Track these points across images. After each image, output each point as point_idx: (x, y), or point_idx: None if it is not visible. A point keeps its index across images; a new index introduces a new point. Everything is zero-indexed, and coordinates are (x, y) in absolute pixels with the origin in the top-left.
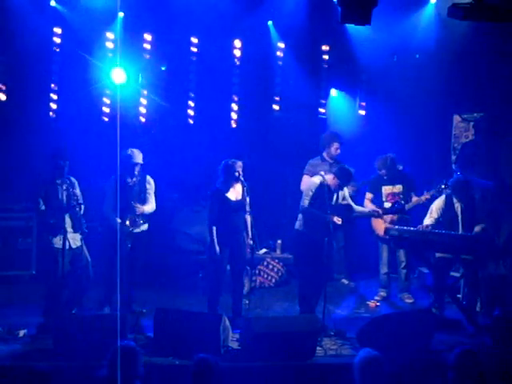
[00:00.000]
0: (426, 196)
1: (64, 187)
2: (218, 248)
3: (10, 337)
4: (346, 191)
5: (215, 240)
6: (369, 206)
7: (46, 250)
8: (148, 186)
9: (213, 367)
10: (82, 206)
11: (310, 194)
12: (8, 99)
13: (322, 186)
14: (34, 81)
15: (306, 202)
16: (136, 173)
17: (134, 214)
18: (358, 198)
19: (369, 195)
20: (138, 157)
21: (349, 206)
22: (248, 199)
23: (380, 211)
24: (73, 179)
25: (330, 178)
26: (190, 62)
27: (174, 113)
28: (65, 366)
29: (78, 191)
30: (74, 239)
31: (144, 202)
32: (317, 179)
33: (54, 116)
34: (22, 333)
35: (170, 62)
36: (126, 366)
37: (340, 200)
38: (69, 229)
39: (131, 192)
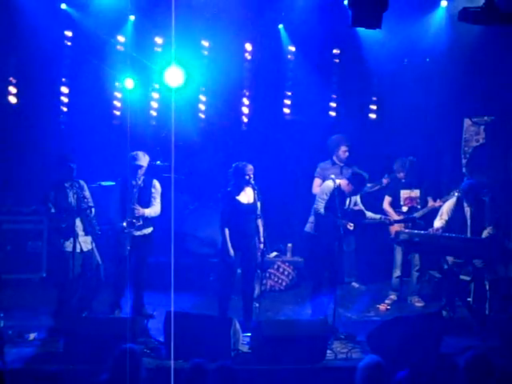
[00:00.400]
0: (438, 203)
1: (73, 190)
2: (231, 250)
3: (20, 340)
4: (358, 196)
5: (228, 242)
6: (388, 209)
7: (57, 254)
8: (153, 190)
9: (206, 372)
10: (93, 209)
11: (325, 197)
12: (19, 102)
13: (336, 190)
14: (44, 84)
15: (320, 206)
16: (139, 175)
17: (132, 216)
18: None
19: (388, 198)
20: (142, 159)
21: (361, 211)
22: (259, 203)
23: (391, 219)
24: (81, 182)
25: (344, 184)
26: (201, 65)
27: (184, 116)
28: (74, 369)
29: (87, 193)
30: (86, 242)
31: (147, 205)
32: (331, 183)
33: (64, 119)
34: (32, 336)
35: (181, 65)
36: (128, 369)
37: (352, 205)
38: (80, 232)
39: (134, 195)
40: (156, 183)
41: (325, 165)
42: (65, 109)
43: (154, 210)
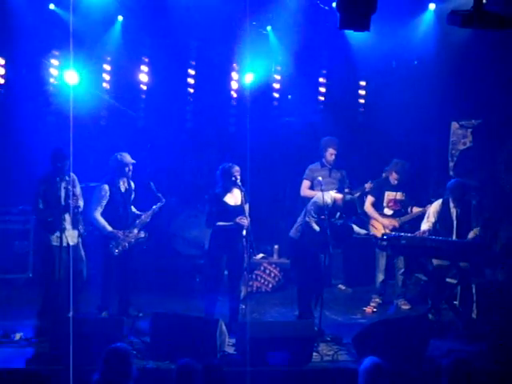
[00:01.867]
0: (418, 209)
1: (63, 185)
2: (233, 221)
3: (5, 340)
4: None
5: (228, 223)
6: (369, 209)
7: (43, 248)
8: (133, 194)
9: (195, 372)
10: (81, 203)
11: (316, 212)
12: (6, 101)
13: (333, 207)
14: (32, 83)
15: (312, 221)
16: (128, 175)
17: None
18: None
19: (371, 198)
20: (128, 157)
21: (349, 226)
22: (247, 204)
23: (377, 236)
24: (74, 177)
25: (338, 198)
26: (189, 66)
27: (172, 117)
28: (61, 369)
29: (77, 189)
30: (72, 236)
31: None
32: (329, 200)
33: (52, 119)
34: (18, 336)
35: (169, 66)
36: (118, 368)
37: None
38: (67, 226)
39: (126, 198)
40: (133, 185)
41: (314, 167)
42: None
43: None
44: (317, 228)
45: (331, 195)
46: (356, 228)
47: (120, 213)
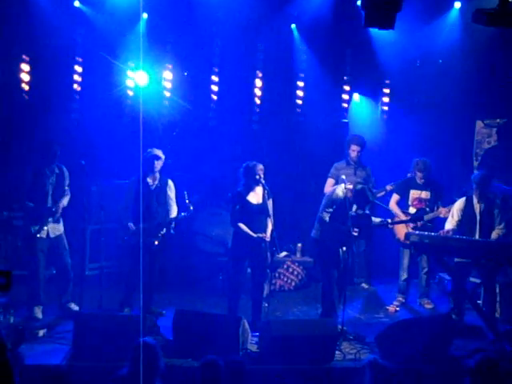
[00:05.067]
0: (446, 211)
1: (53, 177)
2: (256, 234)
3: (30, 336)
4: None
5: (249, 231)
6: (394, 207)
7: (27, 240)
8: (169, 191)
9: (219, 369)
10: (67, 198)
11: (331, 210)
12: (31, 99)
13: (345, 199)
14: (57, 81)
15: (325, 216)
16: (157, 169)
17: (159, 232)
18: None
19: (396, 196)
20: (157, 151)
21: (367, 215)
22: (271, 203)
23: (389, 221)
24: (64, 169)
25: (349, 188)
26: (213, 64)
27: (195, 115)
28: (84, 365)
29: (67, 182)
30: (54, 229)
31: (164, 206)
32: (341, 192)
33: (76, 116)
34: (41, 332)
35: (192, 64)
36: (147, 362)
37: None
38: (50, 219)
39: (153, 196)
40: (171, 183)
41: (339, 165)
42: (76, 106)
43: (173, 212)
44: (327, 219)
45: (342, 187)
46: (375, 219)
47: (143, 211)
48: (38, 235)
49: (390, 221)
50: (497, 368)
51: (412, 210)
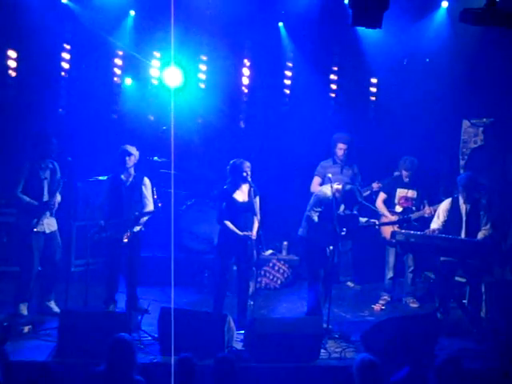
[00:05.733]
0: (430, 210)
1: (47, 172)
2: (242, 233)
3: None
4: None
5: (236, 229)
6: (380, 207)
7: (21, 234)
8: (143, 188)
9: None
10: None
11: (319, 209)
12: (17, 95)
13: (333, 199)
14: (43, 77)
15: (314, 215)
16: (129, 165)
17: (128, 228)
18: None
19: (382, 195)
20: (130, 148)
21: (354, 215)
22: (257, 201)
23: (377, 222)
24: (55, 163)
25: (338, 188)
26: (200, 61)
27: (182, 112)
28: (69, 362)
29: (58, 175)
30: (49, 224)
31: (137, 204)
32: (329, 192)
33: (63, 113)
34: (26, 329)
35: (180, 61)
36: (123, 358)
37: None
38: (46, 213)
39: (126, 193)
40: (146, 181)
41: (326, 163)
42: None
43: (149, 208)
44: (315, 218)
45: (330, 186)
46: (362, 219)
47: (117, 209)
48: (35, 229)
49: (377, 222)
50: (458, 368)
51: (398, 209)
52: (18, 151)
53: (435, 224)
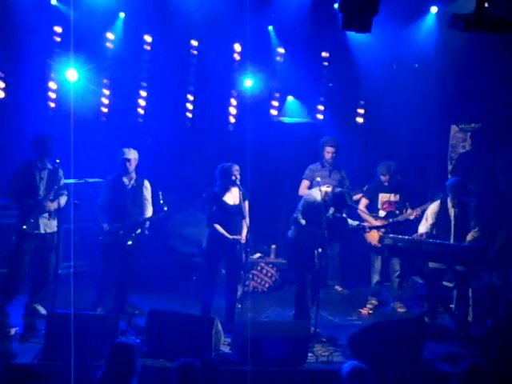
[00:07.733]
0: (417, 212)
1: (44, 172)
2: (231, 236)
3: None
4: None
5: (225, 232)
6: (363, 212)
7: (16, 232)
8: (145, 192)
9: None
10: (64, 198)
11: (309, 211)
12: (6, 97)
13: (321, 202)
14: (32, 79)
15: (301, 219)
16: (130, 170)
17: (133, 232)
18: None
19: (364, 201)
20: (128, 153)
21: (343, 219)
22: (246, 204)
23: (367, 226)
24: (58, 166)
25: (328, 191)
26: (190, 64)
27: (171, 115)
28: (56, 364)
29: (62, 180)
30: (46, 225)
31: (140, 207)
32: (318, 196)
33: (52, 114)
34: (13, 331)
35: (169, 64)
36: (123, 363)
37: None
38: (45, 214)
39: (128, 196)
40: (147, 184)
41: (314, 167)
42: (53, 104)
43: (149, 212)
44: (303, 222)
45: (318, 190)
46: (349, 220)
47: (118, 211)
48: (25, 227)
49: (367, 225)
50: (484, 374)
51: (382, 214)
52: (13, 153)
53: (423, 227)
